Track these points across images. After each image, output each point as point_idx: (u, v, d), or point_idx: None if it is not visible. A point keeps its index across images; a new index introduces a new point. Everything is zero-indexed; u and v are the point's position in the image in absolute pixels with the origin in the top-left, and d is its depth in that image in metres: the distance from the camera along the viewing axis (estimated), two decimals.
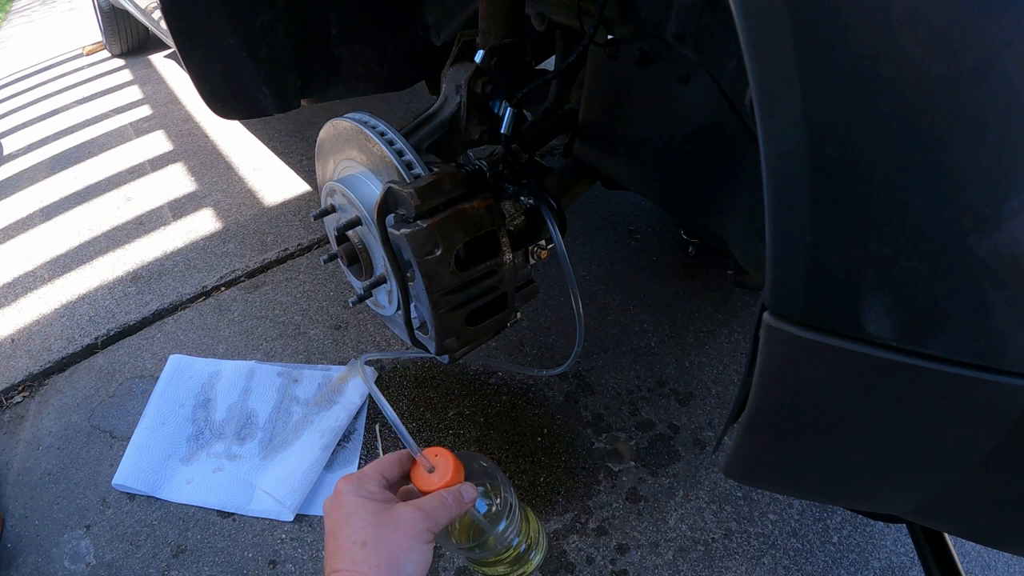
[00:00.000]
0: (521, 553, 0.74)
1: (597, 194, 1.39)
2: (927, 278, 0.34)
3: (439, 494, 0.59)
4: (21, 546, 1.03)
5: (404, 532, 0.54)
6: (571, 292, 0.80)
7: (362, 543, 0.53)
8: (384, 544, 0.53)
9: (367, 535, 0.53)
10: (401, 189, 0.67)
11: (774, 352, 0.42)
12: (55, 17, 4.18)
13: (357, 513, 0.55)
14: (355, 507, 0.55)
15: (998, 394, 0.36)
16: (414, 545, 0.54)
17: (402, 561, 0.53)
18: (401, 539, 0.53)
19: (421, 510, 0.56)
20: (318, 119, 1.14)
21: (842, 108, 0.34)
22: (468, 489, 0.61)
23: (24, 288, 1.60)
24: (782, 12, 0.33)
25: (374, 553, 0.52)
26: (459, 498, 0.59)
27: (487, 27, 0.79)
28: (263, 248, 1.63)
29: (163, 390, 1.24)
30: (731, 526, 0.99)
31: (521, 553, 0.74)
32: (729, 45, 0.63)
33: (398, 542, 0.53)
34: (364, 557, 0.52)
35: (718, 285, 1.41)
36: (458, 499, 0.59)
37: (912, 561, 0.95)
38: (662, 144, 0.79)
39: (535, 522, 0.79)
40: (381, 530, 0.54)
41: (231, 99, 1.15)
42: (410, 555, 0.53)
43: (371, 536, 0.53)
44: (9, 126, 2.55)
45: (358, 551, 0.52)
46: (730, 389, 1.19)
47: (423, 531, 0.55)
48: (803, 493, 0.79)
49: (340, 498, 0.56)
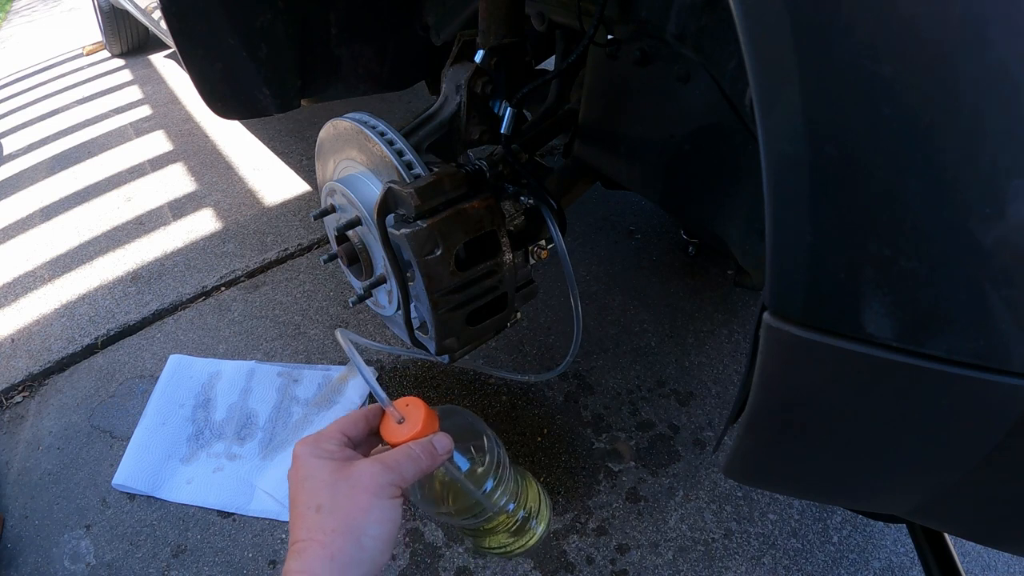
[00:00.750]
0: (520, 521, 0.68)
1: (597, 194, 1.39)
2: (927, 278, 0.34)
3: (406, 446, 0.53)
4: (21, 546, 1.03)
5: (363, 489, 0.48)
6: (571, 294, 0.80)
7: (317, 507, 0.47)
8: (340, 505, 0.47)
9: (322, 498, 0.48)
10: (401, 189, 0.67)
11: (774, 352, 0.42)
12: (55, 17, 4.18)
13: (312, 475, 0.49)
14: (311, 469, 0.50)
15: (998, 394, 0.36)
16: (375, 502, 0.48)
17: (362, 522, 0.47)
18: (359, 497, 0.48)
19: (382, 463, 0.50)
20: (318, 119, 1.15)
21: (842, 108, 0.34)
22: (441, 440, 0.54)
23: (24, 288, 1.59)
24: (782, 12, 0.33)
25: (329, 517, 0.47)
26: (430, 450, 0.53)
27: (487, 27, 0.79)
28: (263, 248, 1.63)
29: (163, 390, 1.24)
30: (731, 526, 0.99)
31: (520, 521, 0.68)
32: (729, 45, 0.63)
33: (356, 501, 0.48)
34: (319, 522, 0.47)
35: (718, 285, 1.41)
36: (429, 451, 0.53)
37: (912, 561, 0.95)
38: (662, 144, 0.79)
39: (536, 488, 0.72)
40: (337, 489, 0.48)
41: (231, 99, 1.15)
42: (371, 514, 0.47)
43: (326, 498, 0.48)
44: (9, 126, 2.55)
45: (313, 516, 0.47)
46: (730, 389, 1.19)
47: (385, 486, 0.49)
48: (803, 493, 0.80)
49: (296, 462, 0.51)
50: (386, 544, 0.48)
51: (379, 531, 0.48)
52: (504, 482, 0.64)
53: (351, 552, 0.46)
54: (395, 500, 0.49)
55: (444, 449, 0.54)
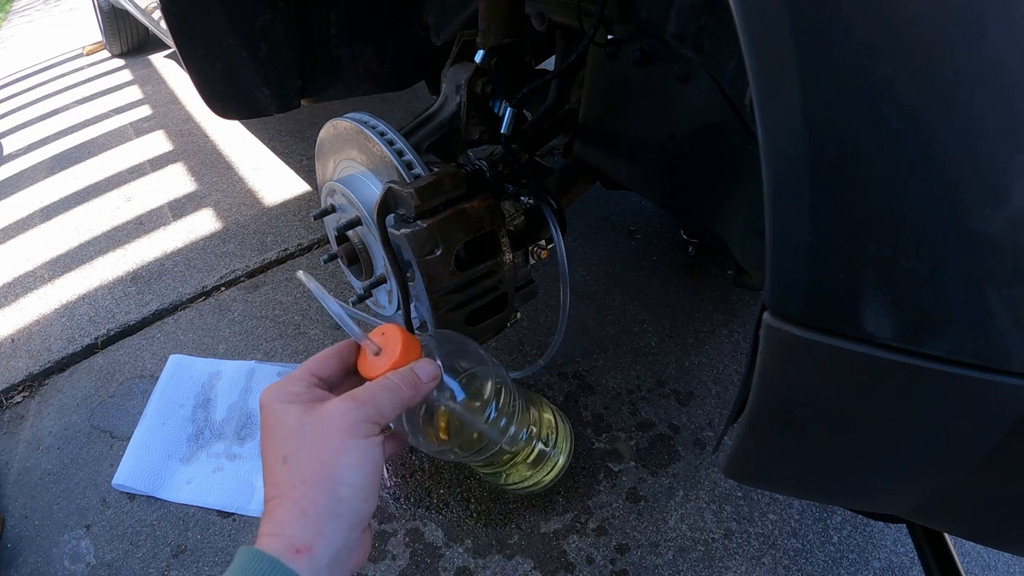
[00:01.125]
0: (539, 453, 0.61)
1: (597, 194, 1.39)
2: (927, 278, 0.34)
3: (383, 377, 0.46)
4: (21, 546, 1.02)
5: (332, 429, 0.42)
6: (562, 289, 0.80)
7: (284, 458, 0.41)
8: (308, 452, 0.41)
9: (287, 445, 0.42)
10: (401, 189, 0.67)
11: (774, 352, 0.42)
12: (55, 17, 4.18)
13: (279, 423, 0.43)
14: (276, 416, 0.44)
15: (998, 394, 0.36)
16: (347, 443, 0.41)
17: (334, 467, 0.41)
18: (329, 439, 0.41)
19: (353, 398, 0.44)
20: (318, 119, 1.15)
21: (842, 108, 0.34)
22: (425, 367, 0.48)
23: (24, 288, 1.59)
24: (782, 12, 0.33)
25: (296, 466, 0.41)
26: (412, 379, 0.47)
27: (487, 27, 0.79)
28: (263, 248, 1.63)
29: (163, 390, 1.24)
30: (731, 526, 0.99)
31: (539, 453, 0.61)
32: (729, 45, 0.63)
33: (326, 444, 0.41)
34: (287, 475, 0.41)
35: (718, 285, 1.41)
36: (410, 380, 0.47)
37: (912, 561, 0.95)
38: (662, 144, 0.79)
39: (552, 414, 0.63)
40: (302, 434, 0.42)
41: (231, 99, 1.15)
42: (345, 457, 0.41)
43: (292, 444, 0.42)
44: (9, 126, 2.55)
45: (281, 469, 0.41)
46: (730, 389, 1.19)
47: (358, 423, 0.42)
48: (803, 493, 0.79)
49: (263, 412, 0.45)
50: (367, 490, 0.42)
51: (357, 476, 0.41)
52: (510, 410, 0.57)
53: (326, 504, 0.40)
54: (372, 439, 0.43)
55: (428, 376, 0.48)
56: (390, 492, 1.05)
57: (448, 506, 1.02)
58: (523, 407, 0.60)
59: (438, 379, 0.49)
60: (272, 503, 0.41)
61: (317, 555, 0.39)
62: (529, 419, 0.60)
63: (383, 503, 1.03)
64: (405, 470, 1.08)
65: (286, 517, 0.40)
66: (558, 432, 0.62)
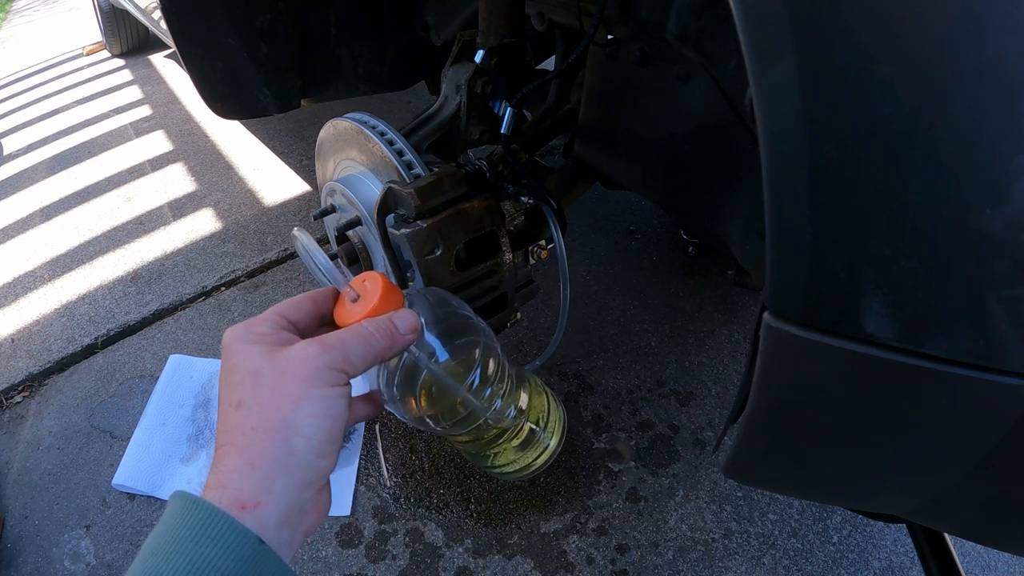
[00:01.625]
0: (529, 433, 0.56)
1: (597, 194, 1.39)
2: (927, 278, 0.34)
3: (357, 324, 0.42)
4: (21, 546, 1.02)
5: (292, 375, 0.37)
6: (562, 289, 0.80)
7: (237, 403, 0.37)
8: (264, 396, 0.37)
9: (243, 390, 0.38)
10: (401, 189, 0.67)
11: (774, 352, 0.42)
12: (55, 17, 4.17)
13: (238, 365, 0.39)
14: (237, 358, 0.40)
15: (998, 394, 0.36)
16: (307, 391, 0.37)
17: (290, 415, 0.36)
18: (287, 385, 0.37)
19: (320, 342, 0.39)
20: (318, 119, 1.15)
21: (842, 108, 0.34)
22: (405, 317, 0.43)
23: (24, 288, 1.59)
24: (781, 12, 0.33)
25: (250, 413, 0.37)
26: (389, 329, 0.42)
27: (487, 27, 0.79)
28: (263, 248, 1.63)
29: (163, 390, 1.24)
30: (731, 526, 0.99)
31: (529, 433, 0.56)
32: (729, 45, 0.63)
33: (282, 390, 0.37)
34: (237, 421, 0.37)
35: (718, 285, 1.41)
36: (387, 330, 0.41)
37: (912, 561, 0.95)
38: (662, 144, 0.79)
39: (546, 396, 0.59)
40: (261, 378, 0.38)
41: (231, 99, 1.15)
42: (303, 406, 0.37)
43: (248, 388, 0.38)
44: (9, 126, 2.55)
45: (232, 414, 0.37)
46: (730, 389, 1.19)
47: (321, 369, 0.38)
48: (803, 493, 0.79)
49: (224, 352, 0.41)
50: (325, 445, 0.38)
51: (314, 427, 0.37)
52: (497, 381, 0.52)
53: (276, 455, 0.36)
54: (337, 389, 0.38)
55: (408, 328, 0.43)
56: (390, 492, 1.05)
57: (448, 506, 1.02)
58: (514, 383, 0.55)
59: (418, 332, 0.44)
60: (220, 451, 0.37)
61: (264, 513, 0.35)
62: (519, 397, 0.55)
63: (383, 503, 1.03)
64: (405, 470, 1.08)
65: (232, 467, 0.36)
66: (550, 413, 0.58)
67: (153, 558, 0.33)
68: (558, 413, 0.60)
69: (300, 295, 0.45)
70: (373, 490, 1.06)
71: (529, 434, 0.56)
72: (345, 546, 0.99)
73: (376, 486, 1.06)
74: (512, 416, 0.54)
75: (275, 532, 0.35)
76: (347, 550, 0.98)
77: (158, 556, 0.33)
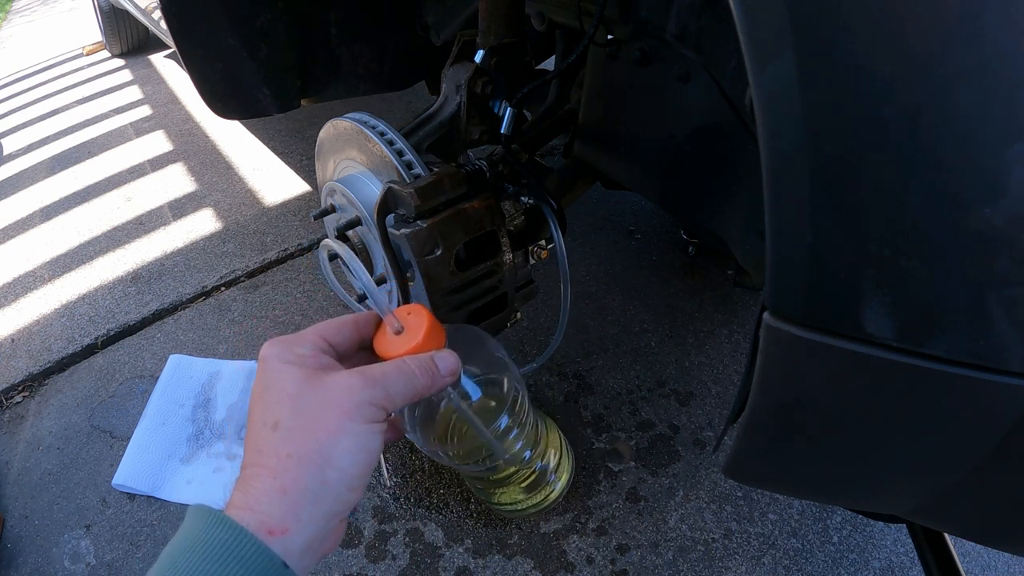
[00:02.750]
0: (537, 474, 0.56)
1: (597, 194, 1.39)
2: (927, 278, 0.34)
3: (400, 360, 0.42)
4: (21, 546, 1.03)
5: (333, 405, 0.38)
6: (563, 288, 0.80)
7: (274, 424, 0.38)
8: (303, 424, 0.37)
9: (282, 412, 0.38)
10: (401, 189, 0.67)
11: (774, 352, 0.42)
12: (55, 17, 4.18)
13: (275, 385, 0.39)
14: (275, 376, 0.39)
15: (998, 394, 0.36)
16: (346, 425, 0.37)
17: (328, 447, 0.37)
18: (328, 415, 0.38)
19: (363, 375, 0.39)
20: (318, 119, 1.15)
21: (842, 108, 0.34)
22: (446, 358, 0.44)
23: (24, 288, 1.60)
24: (782, 12, 0.33)
25: (287, 437, 0.37)
26: (430, 368, 0.42)
27: (487, 27, 0.79)
28: (263, 248, 1.63)
29: (163, 390, 1.24)
30: (731, 526, 0.99)
31: (537, 474, 0.56)
32: (729, 45, 0.63)
33: (322, 420, 0.37)
34: (272, 443, 0.37)
35: (718, 285, 1.41)
36: (428, 369, 0.42)
37: (912, 561, 0.95)
38: (662, 144, 0.79)
39: (559, 437, 0.58)
40: (301, 404, 0.38)
41: (231, 99, 1.15)
42: (341, 439, 0.37)
43: (287, 413, 0.38)
44: (9, 126, 2.55)
45: (267, 435, 0.37)
46: (730, 389, 1.19)
47: (363, 404, 0.38)
48: (803, 493, 0.79)
49: (261, 367, 0.41)
50: (357, 480, 0.38)
51: (349, 462, 0.37)
52: (521, 424, 0.53)
53: (308, 485, 0.36)
54: (375, 425, 0.39)
55: (448, 370, 0.44)
56: (390, 492, 1.05)
57: (448, 506, 1.02)
58: (532, 423, 0.55)
59: (457, 375, 0.45)
60: (249, 471, 0.37)
61: (290, 540, 0.35)
62: (535, 437, 0.56)
63: (383, 503, 1.03)
64: (405, 470, 1.08)
65: (263, 490, 0.36)
66: (561, 459, 0.58)
67: (174, 568, 0.34)
68: (568, 460, 0.59)
69: (343, 317, 0.45)
70: (373, 490, 1.06)
71: (539, 475, 0.57)
72: (345, 546, 0.99)
73: (376, 486, 1.06)
74: (527, 459, 0.55)
75: (298, 558, 0.36)
76: (347, 550, 0.98)
77: (179, 568, 0.34)
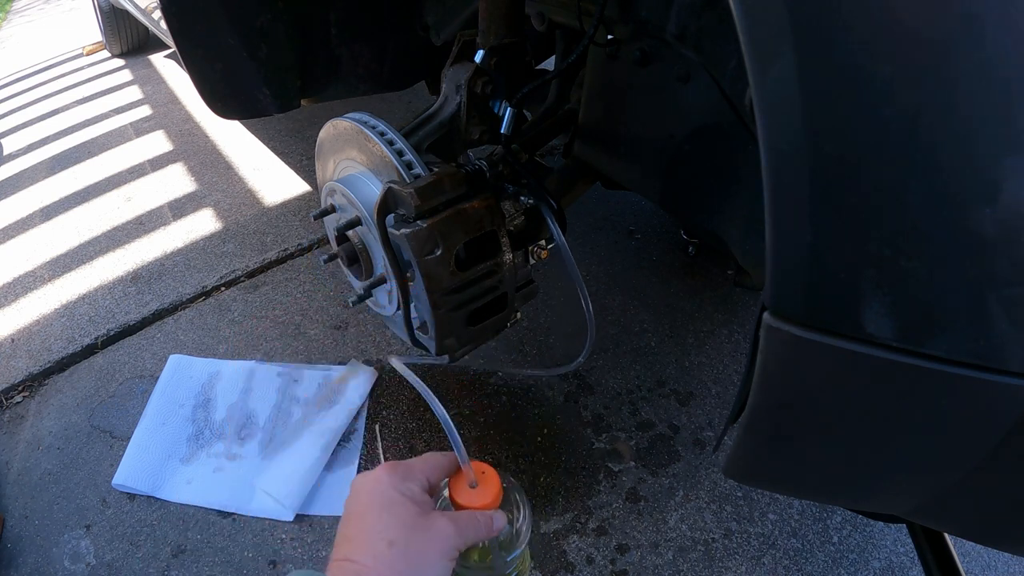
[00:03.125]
0: None
1: (597, 194, 1.39)
2: (927, 278, 0.34)
3: (475, 514, 0.56)
4: (21, 546, 1.02)
5: (436, 544, 0.51)
6: (580, 291, 0.80)
7: (390, 542, 0.50)
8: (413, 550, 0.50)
9: (397, 535, 0.50)
10: (401, 189, 0.67)
11: (774, 352, 0.42)
12: (55, 17, 4.18)
13: (393, 509, 0.52)
14: (393, 502, 0.52)
15: (998, 394, 0.36)
16: (441, 561, 0.51)
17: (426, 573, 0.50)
18: (431, 550, 0.51)
19: (456, 525, 0.53)
20: (318, 119, 1.15)
21: (842, 108, 0.34)
22: (500, 517, 0.58)
23: (24, 288, 1.59)
24: (782, 12, 0.33)
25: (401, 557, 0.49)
26: (490, 524, 0.57)
27: (487, 27, 0.79)
28: (263, 248, 1.63)
29: (163, 390, 1.24)
30: (731, 526, 0.99)
31: None
32: (729, 45, 0.63)
33: (427, 553, 0.51)
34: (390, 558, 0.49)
35: (718, 285, 1.41)
36: (489, 524, 0.57)
37: (912, 561, 0.95)
38: (662, 144, 0.79)
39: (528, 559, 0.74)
40: (414, 535, 0.51)
41: (231, 99, 1.15)
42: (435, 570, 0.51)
43: (401, 537, 0.50)
44: (9, 126, 2.55)
45: (384, 548, 0.49)
46: (730, 389, 1.19)
47: (452, 548, 0.52)
48: (803, 493, 0.80)
49: (380, 486, 0.53)
50: None
51: None
52: (522, 555, 0.65)
53: None
54: (452, 562, 0.52)
55: (499, 527, 0.58)
56: None
57: None
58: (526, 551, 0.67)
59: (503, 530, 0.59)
60: (361, 568, 0.48)
61: None
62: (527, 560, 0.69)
63: None
64: None
65: None
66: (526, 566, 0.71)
67: None
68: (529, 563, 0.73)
69: (441, 459, 0.59)
70: None
71: None
72: None
73: None
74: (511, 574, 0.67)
75: None
76: None
77: None
